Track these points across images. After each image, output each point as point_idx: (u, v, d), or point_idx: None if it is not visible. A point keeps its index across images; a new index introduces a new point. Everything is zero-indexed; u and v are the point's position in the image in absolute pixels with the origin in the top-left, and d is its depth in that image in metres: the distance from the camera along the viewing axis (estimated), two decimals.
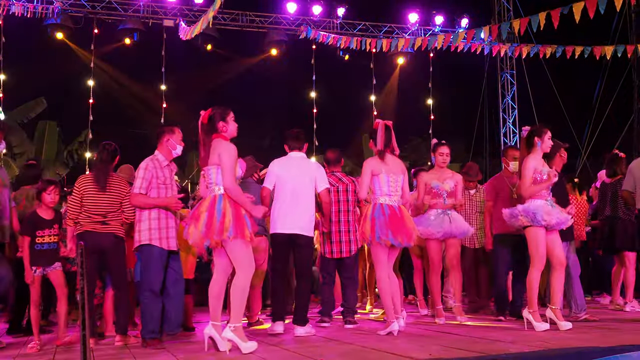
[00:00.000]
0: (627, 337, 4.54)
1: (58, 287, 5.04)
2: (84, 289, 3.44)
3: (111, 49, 13.53)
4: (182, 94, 14.20)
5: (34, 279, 4.94)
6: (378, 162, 5.15)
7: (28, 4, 11.99)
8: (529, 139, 5.26)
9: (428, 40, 11.08)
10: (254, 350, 4.11)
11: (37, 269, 4.95)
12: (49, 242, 4.97)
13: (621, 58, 11.30)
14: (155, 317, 4.67)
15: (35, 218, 5.00)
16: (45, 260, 4.95)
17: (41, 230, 4.96)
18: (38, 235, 4.94)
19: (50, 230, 4.99)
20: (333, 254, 5.90)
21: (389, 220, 4.96)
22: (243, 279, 4.19)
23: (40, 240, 4.94)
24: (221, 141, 4.33)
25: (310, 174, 5.38)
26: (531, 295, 5.07)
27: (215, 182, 4.25)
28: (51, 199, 5.03)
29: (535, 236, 5.06)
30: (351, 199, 5.95)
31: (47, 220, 5.01)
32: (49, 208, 5.07)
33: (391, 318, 4.99)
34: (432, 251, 5.87)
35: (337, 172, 6.09)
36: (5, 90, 12.41)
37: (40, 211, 5.03)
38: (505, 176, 6.26)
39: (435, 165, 6.03)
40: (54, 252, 5.02)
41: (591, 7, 7.93)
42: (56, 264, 5.01)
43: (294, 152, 5.51)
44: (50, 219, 5.03)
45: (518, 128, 15.13)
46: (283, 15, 13.80)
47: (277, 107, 15.91)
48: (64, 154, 15.30)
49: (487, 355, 3.71)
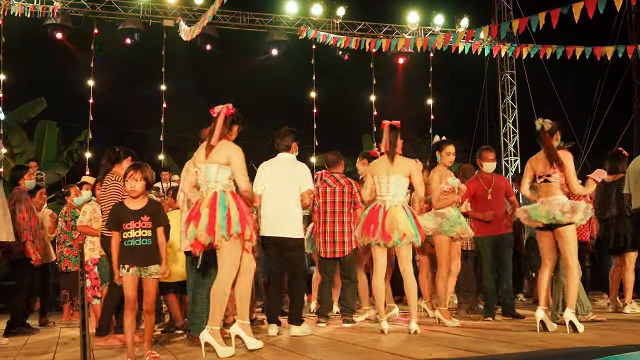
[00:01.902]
0: (627, 337, 4.54)
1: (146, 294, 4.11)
2: (84, 288, 3.46)
3: (111, 49, 13.53)
4: (182, 94, 14.20)
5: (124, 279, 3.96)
6: (378, 164, 5.24)
7: (28, 4, 12.00)
8: (554, 133, 5.15)
9: (428, 40, 11.08)
10: (258, 348, 4.16)
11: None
12: (136, 237, 3.98)
13: (621, 58, 11.29)
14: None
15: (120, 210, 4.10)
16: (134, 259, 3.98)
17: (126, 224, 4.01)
18: (124, 229, 4.00)
19: (137, 223, 4.00)
20: (327, 254, 6.02)
21: (367, 221, 5.11)
22: (226, 281, 4.15)
23: (127, 235, 3.98)
24: (229, 143, 4.31)
25: (295, 176, 5.35)
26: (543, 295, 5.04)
27: (215, 180, 4.20)
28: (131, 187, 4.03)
29: (540, 238, 5.08)
30: (347, 200, 6.06)
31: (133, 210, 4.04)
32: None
33: (382, 316, 5.13)
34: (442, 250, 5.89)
35: (336, 173, 6.20)
36: (5, 90, 12.42)
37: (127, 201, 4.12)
38: (480, 178, 6.25)
39: (441, 164, 5.92)
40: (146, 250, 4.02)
41: (590, 7, 7.94)
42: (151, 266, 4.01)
43: (282, 154, 5.49)
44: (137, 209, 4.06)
45: (518, 128, 15.14)
46: (283, 15, 13.80)
47: (277, 107, 15.90)
48: (64, 154, 15.28)
49: (486, 355, 3.71)
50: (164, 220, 4.08)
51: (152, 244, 3.95)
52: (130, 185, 3.99)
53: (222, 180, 4.21)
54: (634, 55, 11.25)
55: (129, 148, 5.54)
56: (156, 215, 4.02)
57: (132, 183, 3.98)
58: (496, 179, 6.30)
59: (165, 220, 4.09)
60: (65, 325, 7.00)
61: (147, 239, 3.95)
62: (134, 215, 3.96)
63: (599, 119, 14.12)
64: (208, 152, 4.23)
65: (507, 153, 15.02)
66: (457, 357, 3.71)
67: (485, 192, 6.13)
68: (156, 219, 4.00)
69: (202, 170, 4.27)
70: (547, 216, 4.89)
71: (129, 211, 3.99)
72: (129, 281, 3.90)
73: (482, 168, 6.26)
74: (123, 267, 3.89)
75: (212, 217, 4.04)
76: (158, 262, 3.96)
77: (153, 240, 3.96)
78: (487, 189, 6.12)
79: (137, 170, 4.01)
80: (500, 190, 6.23)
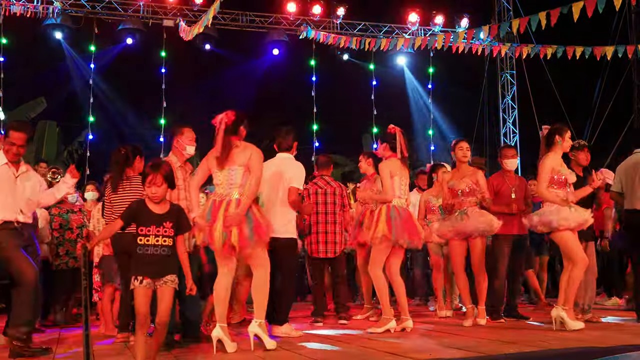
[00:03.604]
0: (627, 337, 4.55)
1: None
2: (87, 288, 3.45)
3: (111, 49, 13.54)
4: (182, 94, 14.19)
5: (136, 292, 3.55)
6: (397, 166, 5.30)
7: (28, 4, 12.00)
8: (550, 138, 5.22)
9: (428, 40, 11.09)
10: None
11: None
12: (155, 244, 3.54)
13: (621, 58, 11.30)
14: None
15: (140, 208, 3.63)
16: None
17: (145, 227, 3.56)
18: (140, 233, 3.55)
19: (158, 229, 3.56)
20: (319, 254, 6.16)
21: (404, 222, 5.15)
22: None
23: (144, 241, 3.54)
24: (252, 146, 4.39)
25: (288, 175, 5.28)
26: (570, 294, 5.05)
27: (241, 184, 4.27)
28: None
29: (561, 240, 5.10)
30: (338, 202, 6.24)
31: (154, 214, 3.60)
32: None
33: (389, 315, 5.16)
34: (450, 251, 5.95)
35: (326, 175, 6.38)
36: (5, 90, 12.41)
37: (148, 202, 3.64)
38: (504, 175, 6.24)
39: (457, 161, 5.92)
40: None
41: (590, 6, 7.95)
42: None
43: (282, 154, 5.47)
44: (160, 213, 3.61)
45: (518, 128, 15.14)
46: (283, 15, 13.81)
47: (277, 107, 15.89)
48: (64, 154, 15.27)
49: (487, 355, 3.72)
50: (187, 226, 3.72)
51: (171, 254, 3.54)
52: (151, 192, 3.54)
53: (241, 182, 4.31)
54: (634, 55, 11.27)
55: (124, 145, 5.38)
56: (179, 221, 3.61)
57: (153, 189, 3.53)
58: (518, 179, 6.30)
59: (188, 226, 3.74)
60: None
61: (168, 248, 3.52)
62: (157, 220, 3.52)
63: (599, 119, 14.11)
64: (228, 156, 4.31)
65: None
66: (457, 357, 3.72)
67: (509, 189, 6.08)
68: (179, 226, 3.60)
69: (228, 172, 4.31)
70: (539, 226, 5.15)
71: (150, 214, 3.54)
72: (142, 294, 3.46)
73: (506, 167, 6.19)
74: (136, 279, 3.47)
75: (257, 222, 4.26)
76: (175, 272, 3.55)
77: (173, 250, 3.55)
78: (511, 186, 6.09)
79: (157, 172, 3.55)
80: (521, 191, 6.20)
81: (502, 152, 6.31)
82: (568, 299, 5.01)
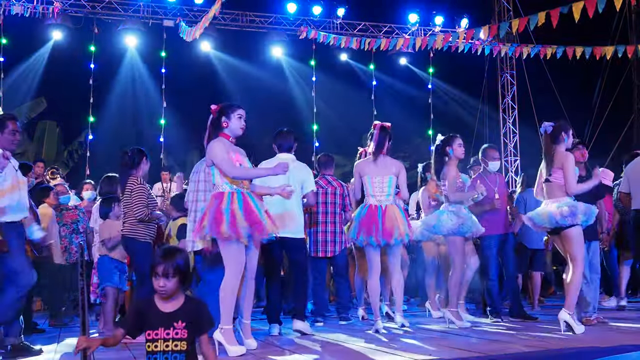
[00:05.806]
0: (627, 337, 4.54)
1: None
2: (84, 289, 3.45)
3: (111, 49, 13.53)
4: (182, 94, 14.18)
5: None
6: (365, 165, 5.36)
7: (28, 4, 11.99)
8: (556, 135, 5.11)
9: (428, 40, 11.09)
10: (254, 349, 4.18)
11: None
12: (165, 350, 2.74)
13: (621, 58, 11.29)
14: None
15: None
16: None
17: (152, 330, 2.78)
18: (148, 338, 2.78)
19: (167, 332, 2.76)
20: (319, 253, 6.16)
21: (365, 220, 5.15)
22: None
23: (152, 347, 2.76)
24: (211, 143, 4.30)
25: (296, 176, 5.23)
26: (573, 297, 4.94)
27: (219, 184, 4.27)
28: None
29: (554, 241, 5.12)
30: (339, 202, 6.25)
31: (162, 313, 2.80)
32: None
33: (377, 317, 5.18)
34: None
35: (327, 175, 6.39)
36: (5, 90, 12.40)
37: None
38: (486, 176, 6.15)
39: (454, 157, 5.77)
40: None
41: (590, 6, 7.95)
42: None
43: (282, 154, 5.43)
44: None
45: (518, 128, 15.14)
46: (283, 15, 13.79)
47: (277, 107, 15.88)
48: (64, 154, 15.28)
49: (487, 355, 3.72)
50: (208, 324, 2.82)
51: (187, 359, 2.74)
52: (159, 285, 2.73)
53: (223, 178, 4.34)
54: (633, 55, 11.25)
55: (131, 148, 5.62)
56: (196, 319, 2.78)
57: (161, 282, 2.72)
58: (500, 179, 6.26)
59: (210, 324, 2.85)
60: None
61: (180, 354, 2.72)
62: (165, 321, 2.76)
63: (599, 119, 14.10)
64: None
65: (507, 153, 15.01)
66: (457, 357, 3.72)
67: (492, 190, 6.01)
68: (196, 326, 2.77)
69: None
70: (549, 221, 4.90)
71: (158, 313, 2.78)
72: None
73: (488, 167, 6.15)
74: None
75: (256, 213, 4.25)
76: None
77: (189, 355, 2.74)
78: (494, 187, 6.04)
79: (169, 261, 2.74)
80: (504, 191, 6.18)
81: (487, 153, 6.21)
82: (571, 304, 4.93)
